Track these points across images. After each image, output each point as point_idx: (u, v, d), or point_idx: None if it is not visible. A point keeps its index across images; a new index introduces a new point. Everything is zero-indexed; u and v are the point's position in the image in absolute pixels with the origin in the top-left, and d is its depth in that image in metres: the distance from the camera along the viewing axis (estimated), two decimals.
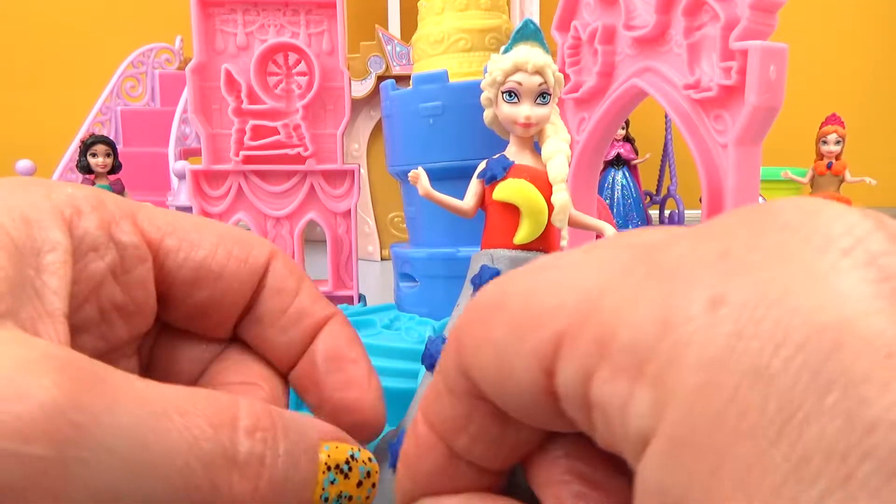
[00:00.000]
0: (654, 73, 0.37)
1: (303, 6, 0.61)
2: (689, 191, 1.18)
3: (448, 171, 0.51)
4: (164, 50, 1.07)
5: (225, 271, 0.19)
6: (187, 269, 0.19)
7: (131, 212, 0.18)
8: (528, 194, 0.22)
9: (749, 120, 0.31)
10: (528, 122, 0.23)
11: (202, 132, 0.59)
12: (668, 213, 1.15)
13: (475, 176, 0.24)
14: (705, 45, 0.34)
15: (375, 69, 1.08)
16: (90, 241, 0.17)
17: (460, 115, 0.50)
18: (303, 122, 0.60)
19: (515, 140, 0.24)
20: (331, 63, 0.62)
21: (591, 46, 0.41)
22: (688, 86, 0.34)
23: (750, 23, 0.31)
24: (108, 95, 1.00)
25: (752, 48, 0.30)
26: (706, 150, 0.34)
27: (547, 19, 0.44)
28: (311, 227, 0.62)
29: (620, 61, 0.40)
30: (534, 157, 0.24)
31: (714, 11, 0.33)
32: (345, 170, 0.62)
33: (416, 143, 0.53)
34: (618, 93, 0.40)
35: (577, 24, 0.42)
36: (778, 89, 0.32)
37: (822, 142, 0.96)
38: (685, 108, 0.35)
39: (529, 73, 0.23)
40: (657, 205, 1.21)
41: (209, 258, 0.19)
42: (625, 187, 1.12)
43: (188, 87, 0.60)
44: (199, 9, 0.58)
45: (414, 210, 0.57)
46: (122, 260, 0.18)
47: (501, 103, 0.23)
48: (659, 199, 1.21)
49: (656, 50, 0.37)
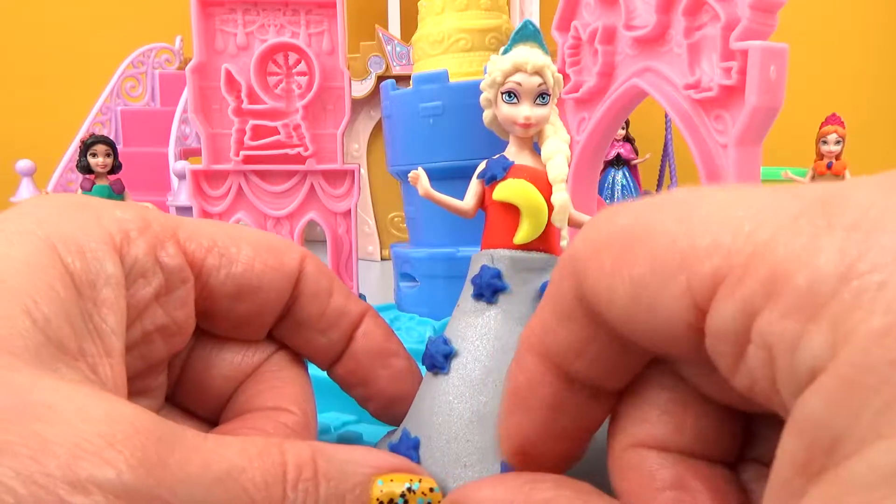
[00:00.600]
0: (654, 73, 0.37)
1: (303, 6, 0.61)
2: None
3: (448, 170, 0.51)
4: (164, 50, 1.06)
5: (263, 283, 0.20)
6: (228, 286, 0.20)
7: (173, 230, 0.19)
8: (528, 194, 0.22)
9: (749, 120, 0.31)
10: (527, 122, 0.23)
11: (202, 132, 0.59)
12: None
13: (475, 176, 0.24)
14: (705, 45, 0.34)
15: (375, 69, 1.08)
16: (139, 269, 0.17)
17: (461, 115, 0.50)
18: (303, 121, 0.60)
19: (515, 140, 0.24)
20: (331, 63, 0.61)
21: (592, 46, 0.41)
22: (688, 86, 0.34)
23: (750, 23, 0.31)
24: (108, 95, 1.00)
25: (752, 48, 0.30)
26: (706, 150, 0.34)
27: (546, 19, 0.44)
28: (311, 227, 0.62)
29: (620, 61, 0.40)
30: (533, 157, 0.24)
31: (714, 11, 0.33)
32: (345, 170, 0.62)
33: (417, 143, 0.53)
34: (618, 93, 0.40)
35: (578, 25, 0.42)
36: (778, 89, 0.32)
37: (822, 142, 0.96)
38: (685, 108, 0.35)
39: (529, 73, 0.23)
40: None
41: (248, 272, 0.20)
42: (625, 187, 1.12)
43: (188, 87, 0.60)
44: (199, 8, 0.58)
45: (414, 210, 0.57)
46: (167, 283, 0.18)
47: (501, 104, 0.23)
48: None
49: (656, 50, 0.37)
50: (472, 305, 0.23)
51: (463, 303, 0.23)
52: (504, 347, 0.22)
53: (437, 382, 0.22)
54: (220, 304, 0.20)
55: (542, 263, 0.23)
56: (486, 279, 0.22)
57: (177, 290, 0.19)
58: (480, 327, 0.22)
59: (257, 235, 0.21)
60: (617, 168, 1.13)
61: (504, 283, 0.22)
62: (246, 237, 0.20)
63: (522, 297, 0.22)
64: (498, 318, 0.22)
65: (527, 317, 0.22)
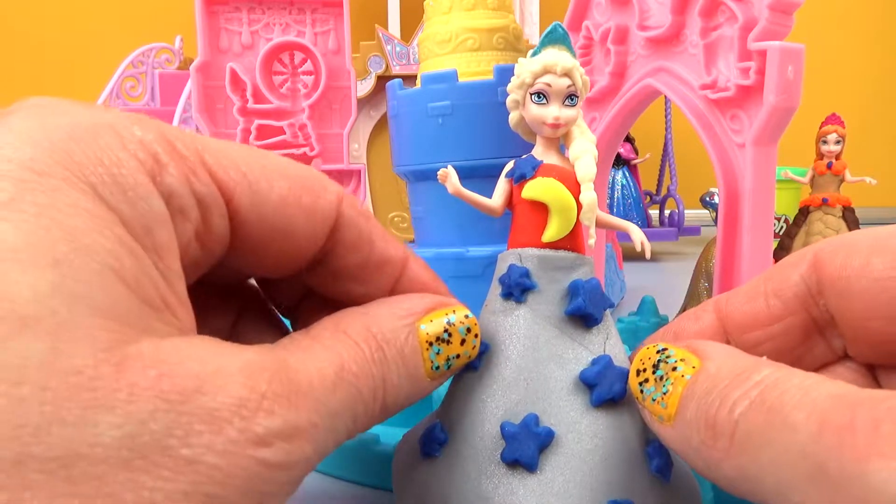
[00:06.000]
0: (668, 73, 0.37)
1: (308, 5, 0.61)
2: (689, 191, 1.18)
3: (458, 170, 0.51)
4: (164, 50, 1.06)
5: (296, 227, 0.18)
6: (258, 227, 0.18)
7: (199, 153, 0.16)
8: (558, 192, 0.22)
9: (767, 119, 0.31)
10: (556, 122, 0.23)
11: (206, 131, 0.59)
12: (669, 213, 1.15)
13: (503, 175, 0.24)
14: (722, 45, 0.34)
15: (375, 69, 1.08)
16: (177, 203, 0.15)
17: (470, 114, 0.50)
18: (309, 121, 0.60)
19: (542, 141, 0.24)
20: (337, 62, 0.61)
21: (604, 46, 0.41)
22: (704, 86, 0.34)
23: (768, 23, 0.31)
24: (108, 95, 1.00)
25: (771, 49, 0.31)
26: (722, 149, 0.34)
27: (547, 19, 0.44)
28: None
29: (633, 61, 0.40)
30: (560, 157, 0.24)
31: (731, 12, 0.33)
32: (351, 169, 0.62)
33: (425, 143, 0.53)
34: (630, 93, 0.40)
35: (589, 25, 0.42)
36: (795, 89, 0.32)
37: (822, 141, 0.96)
38: (701, 108, 0.35)
39: (558, 74, 0.23)
40: (657, 205, 1.21)
41: (280, 213, 0.18)
42: (625, 187, 1.12)
43: (192, 86, 0.59)
44: (204, 7, 0.58)
45: (422, 210, 0.57)
46: (204, 218, 0.16)
47: (529, 104, 0.23)
48: (659, 199, 1.21)
49: (670, 50, 0.37)
50: (500, 305, 0.23)
51: (491, 302, 0.23)
52: (534, 346, 0.22)
53: (469, 380, 0.22)
54: (244, 245, 0.18)
55: (570, 262, 0.23)
56: (515, 278, 0.22)
57: (215, 227, 0.17)
58: (510, 326, 0.22)
59: (291, 168, 0.18)
60: (617, 168, 1.13)
61: (533, 281, 0.22)
62: (279, 170, 0.18)
63: (551, 295, 0.22)
64: (527, 316, 0.22)
65: (555, 316, 0.22)
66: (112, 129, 0.15)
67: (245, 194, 0.17)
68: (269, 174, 0.18)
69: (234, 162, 0.17)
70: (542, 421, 0.20)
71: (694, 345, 0.18)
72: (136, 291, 0.13)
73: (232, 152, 0.17)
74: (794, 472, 0.13)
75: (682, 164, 1.20)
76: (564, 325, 0.22)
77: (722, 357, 0.17)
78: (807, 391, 0.14)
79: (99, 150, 0.14)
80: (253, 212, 0.17)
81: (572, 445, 0.20)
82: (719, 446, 0.15)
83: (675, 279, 0.78)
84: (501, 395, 0.21)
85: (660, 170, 1.22)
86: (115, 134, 0.15)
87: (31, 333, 0.11)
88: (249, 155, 0.18)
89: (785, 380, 0.14)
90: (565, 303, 0.22)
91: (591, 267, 0.23)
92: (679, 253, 1.12)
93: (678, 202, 1.12)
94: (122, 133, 0.15)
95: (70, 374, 0.11)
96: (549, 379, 0.21)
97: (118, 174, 0.14)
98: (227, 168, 0.17)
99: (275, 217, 0.18)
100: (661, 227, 1.16)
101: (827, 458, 0.12)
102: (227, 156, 0.17)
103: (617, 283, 0.68)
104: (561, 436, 0.20)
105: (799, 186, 1.12)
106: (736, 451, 0.14)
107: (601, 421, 0.21)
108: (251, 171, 0.17)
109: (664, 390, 0.17)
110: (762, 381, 0.15)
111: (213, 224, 0.17)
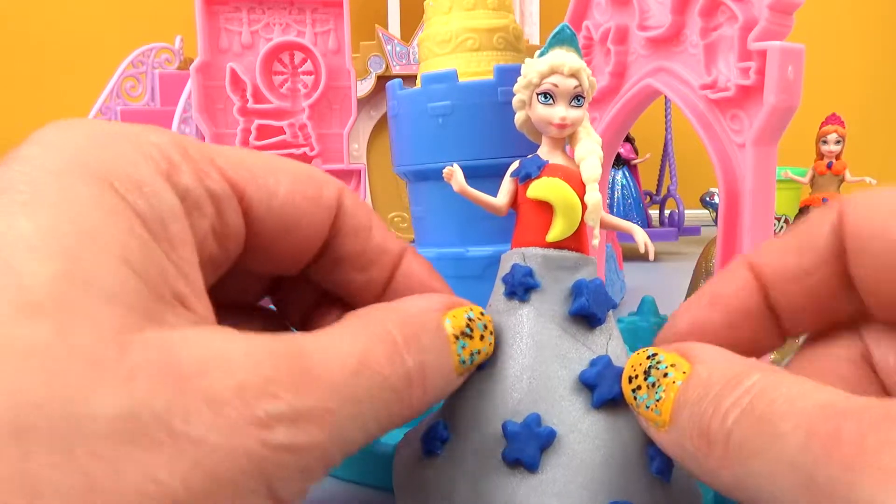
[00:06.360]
0: (668, 73, 0.37)
1: (308, 5, 0.61)
2: (689, 191, 1.18)
3: None
4: (164, 50, 1.06)
5: (304, 218, 0.19)
6: (269, 221, 0.19)
7: (210, 157, 0.18)
8: (563, 192, 0.22)
9: (768, 119, 0.31)
10: (563, 122, 0.23)
11: (206, 131, 0.59)
12: (668, 213, 1.15)
13: (508, 174, 0.24)
14: (722, 45, 0.34)
15: (375, 69, 1.08)
16: (192, 200, 0.16)
17: (470, 114, 0.50)
18: (309, 121, 0.60)
19: (547, 141, 0.24)
20: (337, 62, 0.61)
21: (604, 46, 0.41)
22: (704, 86, 0.34)
23: (768, 23, 0.31)
24: (108, 95, 1.00)
25: (771, 49, 0.31)
26: (722, 149, 0.34)
27: (546, 19, 0.44)
28: None
29: (633, 61, 0.40)
30: (565, 157, 0.24)
31: (731, 12, 0.33)
32: (351, 169, 0.62)
33: (425, 143, 0.53)
34: (630, 93, 0.40)
35: (589, 25, 0.42)
36: (795, 89, 0.32)
37: (822, 142, 0.96)
38: (701, 108, 0.35)
39: (566, 75, 0.23)
40: (657, 205, 1.21)
41: (288, 205, 0.19)
42: (625, 187, 1.12)
43: (193, 86, 0.59)
44: (204, 7, 0.58)
45: (422, 210, 0.57)
46: (219, 213, 0.17)
47: (536, 104, 0.24)
48: (659, 199, 1.21)
49: (670, 50, 0.37)
50: (504, 304, 0.23)
51: (495, 302, 0.23)
52: (537, 345, 0.22)
53: (472, 379, 0.22)
54: (257, 240, 0.19)
55: (573, 262, 0.23)
56: (519, 277, 0.22)
57: (230, 223, 0.18)
58: (513, 325, 0.22)
59: (293, 165, 0.20)
60: (617, 168, 1.13)
61: (536, 280, 0.22)
62: (283, 167, 0.19)
63: (555, 295, 0.22)
64: (530, 316, 0.22)
65: (559, 315, 0.22)
66: (127, 136, 0.16)
67: (254, 190, 0.18)
68: (273, 171, 0.19)
69: (240, 162, 0.18)
70: (544, 421, 0.21)
71: (683, 348, 0.18)
72: (147, 281, 0.14)
73: (237, 154, 0.19)
74: (786, 482, 0.13)
75: (682, 164, 1.20)
76: (568, 324, 0.22)
77: (712, 360, 0.17)
78: (794, 400, 0.14)
79: (115, 153, 0.15)
80: (263, 206, 0.18)
81: (574, 446, 0.20)
82: (714, 455, 0.15)
83: (675, 279, 0.78)
84: (504, 393, 0.21)
85: (660, 170, 1.23)
86: (130, 139, 0.16)
87: (41, 317, 0.12)
88: (252, 155, 0.19)
89: (774, 388, 0.14)
90: (569, 302, 0.22)
91: (594, 267, 0.23)
92: (679, 253, 1.12)
93: (678, 202, 1.13)
94: (137, 139, 0.16)
95: (75, 354, 0.12)
96: (551, 378, 0.21)
97: (133, 172, 0.15)
98: (236, 167, 0.18)
99: (283, 210, 0.19)
100: (661, 227, 1.16)
101: (815, 468, 0.12)
102: (233, 157, 0.18)
103: (617, 283, 0.68)
104: (563, 436, 0.20)
105: (799, 186, 1.12)
106: (731, 460, 0.15)
107: (603, 422, 0.21)
108: (257, 169, 0.18)
109: (657, 397, 0.17)
110: (752, 387, 0.15)
111: (228, 219, 0.18)
